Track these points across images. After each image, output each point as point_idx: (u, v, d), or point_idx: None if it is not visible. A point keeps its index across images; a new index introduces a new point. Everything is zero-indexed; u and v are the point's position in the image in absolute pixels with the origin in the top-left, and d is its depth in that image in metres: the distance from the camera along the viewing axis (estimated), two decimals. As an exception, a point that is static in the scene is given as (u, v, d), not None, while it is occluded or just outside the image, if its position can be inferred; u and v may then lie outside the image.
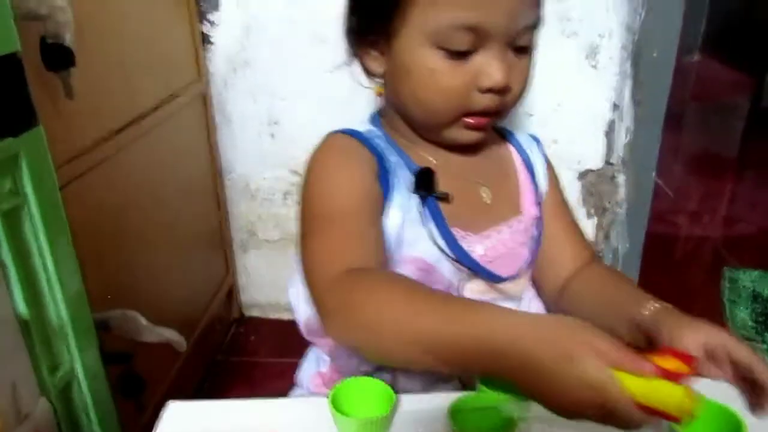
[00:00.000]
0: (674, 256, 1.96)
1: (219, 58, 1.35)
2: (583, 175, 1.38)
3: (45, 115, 0.65)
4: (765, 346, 1.48)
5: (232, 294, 1.58)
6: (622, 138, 1.34)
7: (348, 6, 0.69)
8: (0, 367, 0.57)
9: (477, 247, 0.70)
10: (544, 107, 1.31)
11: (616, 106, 1.30)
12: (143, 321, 0.81)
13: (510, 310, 0.48)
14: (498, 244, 0.72)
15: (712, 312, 1.62)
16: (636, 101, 1.30)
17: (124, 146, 0.99)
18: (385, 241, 0.66)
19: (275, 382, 0.76)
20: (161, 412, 0.61)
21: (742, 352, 0.60)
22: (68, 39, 0.74)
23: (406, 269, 0.68)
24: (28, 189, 0.62)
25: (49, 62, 0.75)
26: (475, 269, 0.69)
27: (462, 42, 0.61)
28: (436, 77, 0.63)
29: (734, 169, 2.71)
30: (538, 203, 0.77)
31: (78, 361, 0.69)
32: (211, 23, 1.33)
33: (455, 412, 0.54)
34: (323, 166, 0.68)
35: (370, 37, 0.67)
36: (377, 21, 0.65)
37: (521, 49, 0.64)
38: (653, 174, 1.41)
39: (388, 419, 0.56)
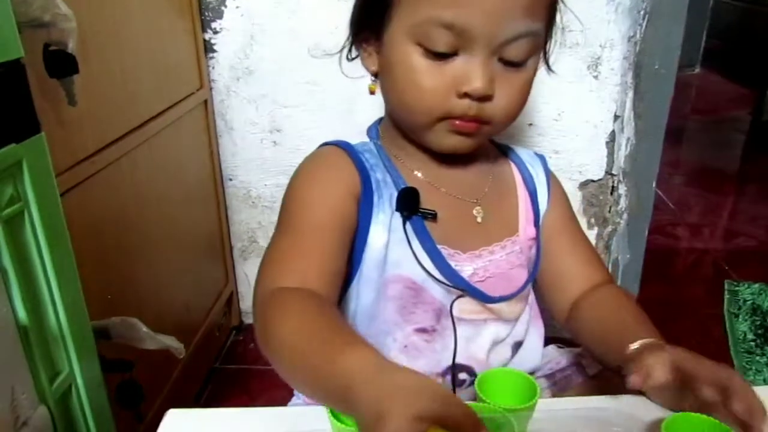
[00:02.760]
0: (675, 268, 1.95)
1: (222, 66, 1.36)
2: (583, 186, 1.38)
3: (47, 122, 0.65)
4: (765, 359, 1.48)
5: (231, 301, 1.58)
6: (623, 149, 1.34)
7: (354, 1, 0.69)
8: (-2, 374, 0.57)
9: (466, 267, 0.69)
10: (545, 117, 1.31)
11: (617, 117, 1.31)
12: (143, 328, 0.81)
13: (380, 363, 0.46)
14: (490, 265, 0.70)
15: (712, 324, 1.62)
16: (637, 112, 1.31)
17: (125, 153, 0.99)
18: (346, 262, 0.66)
19: (274, 390, 0.76)
20: (161, 421, 0.61)
21: (718, 376, 0.54)
22: (71, 46, 0.74)
23: (394, 288, 0.68)
24: (30, 195, 0.62)
25: (52, 69, 0.75)
26: (465, 288, 0.68)
27: (441, 41, 0.60)
28: (417, 76, 0.62)
29: (735, 182, 2.71)
30: (537, 224, 0.74)
31: (77, 369, 0.68)
32: (215, 32, 1.33)
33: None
34: (304, 177, 0.69)
35: (365, 32, 0.67)
36: (370, 16, 0.65)
37: (513, 63, 0.62)
38: (654, 185, 1.41)
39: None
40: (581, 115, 1.31)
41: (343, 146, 0.70)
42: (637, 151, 1.35)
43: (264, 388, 1.36)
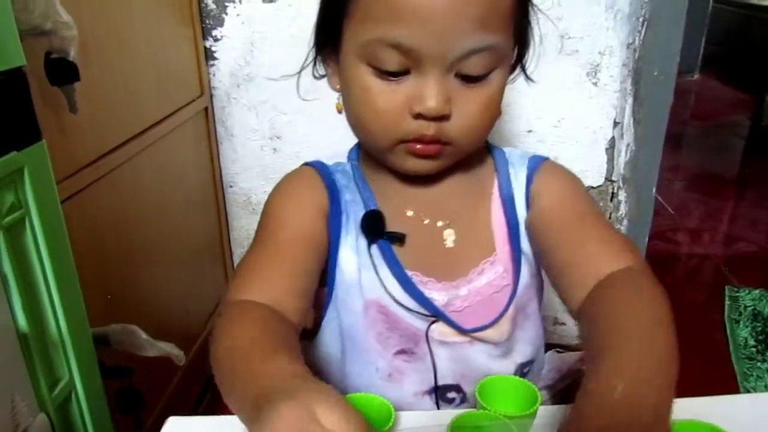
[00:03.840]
0: (675, 273, 1.95)
1: (222, 73, 1.36)
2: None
3: (48, 130, 0.65)
4: (766, 366, 1.47)
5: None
6: (622, 155, 1.35)
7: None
8: (-2, 381, 0.57)
9: (439, 296, 0.66)
10: (545, 124, 1.31)
11: (616, 123, 1.31)
12: (143, 335, 0.81)
13: (295, 372, 0.45)
14: (470, 294, 0.67)
15: (713, 330, 1.62)
16: (637, 118, 1.31)
17: (126, 160, 1.00)
18: (315, 283, 0.64)
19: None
20: (161, 429, 0.61)
21: None
22: (73, 54, 0.74)
23: (370, 314, 0.67)
24: (31, 203, 0.62)
25: (53, 77, 0.76)
26: (439, 317, 0.66)
27: (391, 61, 0.57)
28: (370, 96, 0.59)
29: (735, 187, 2.71)
30: (515, 235, 0.68)
31: (77, 376, 0.68)
32: (215, 39, 1.34)
33: (455, 430, 0.53)
34: (277, 195, 0.68)
35: (326, 49, 0.65)
36: (327, 33, 0.63)
37: (473, 78, 0.58)
38: (654, 191, 1.42)
39: (387, 437, 0.56)
40: (580, 121, 1.31)
41: (317, 166, 0.70)
42: (636, 157, 1.35)
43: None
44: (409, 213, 0.67)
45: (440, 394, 0.70)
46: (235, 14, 1.31)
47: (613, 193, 1.38)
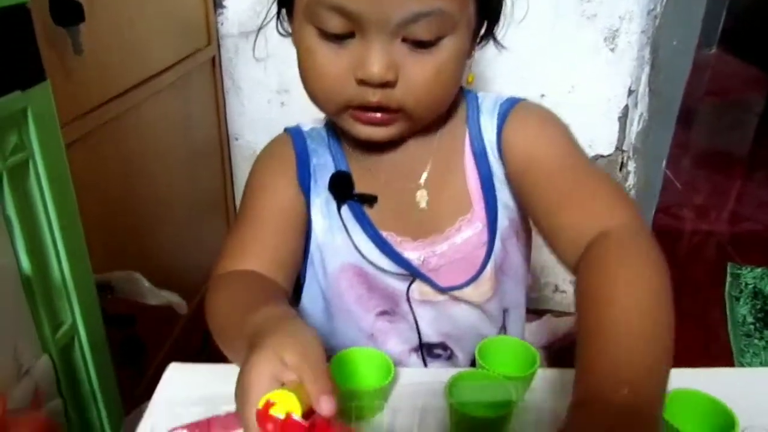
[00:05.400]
0: (678, 249, 1.95)
1: (231, 23, 1.33)
2: (593, 161, 1.36)
3: (52, 71, 0.64)
4: (763, 343, 1.48)
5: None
6: (635, 125, 1.33)
7: None
8: (2, 321, 0.57)
9: (414, 254, 0.65)
10: (559, 89, 1.29)
11: (631, 92, 1.28)
12: (146, 283, 0.81)
13: (284, 314, 0.49)
14: (448, 251, 0.66)
15: (713, 307, 1.62)
16: (652, 88, 1.29)
17: (131, 107, 0.98)
18: (299, 249, 0.66)
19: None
20: (163, 374, 0.61)
21: None
22: (79, -7, 0.72)
23: (345, 278, 0.67)
24: (35, 145, 0.61)
25: (58, 17, 0.74)
26: (417, 276, 0.65)
27: (333, 23, 0.54)
28: (314, 59, 0.57)
29: (744, 166, 2.68)
30: (489, 190, 0.66)
31: (80, 321, 0.69)
32: (225, -13, 1.31)
33: (454, 387, 0.53)
34: (254, 170, 0.69)
35: (283, 9, 0.64)
36: None
37: (421, 43, 0.55)
38: (664, 163, 1.40)
39: (385, 391, 0.56)
40: (595, 88, 1.29)
41: (291, 133, 0.69)
42: (649, 128, 1.33)
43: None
44: (380, 176, 0.66)
45: (426, 350, 0.70)
46: (246, -38, 1.27)
47: (622, 163, 1.36)
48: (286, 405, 0.39)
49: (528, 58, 1.26)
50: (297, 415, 0.39)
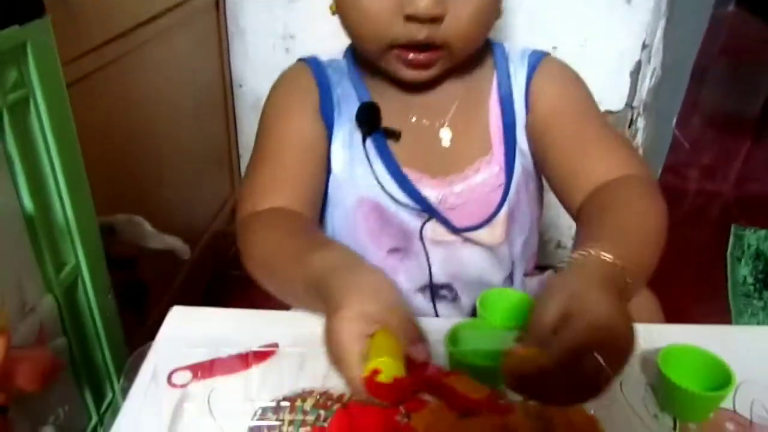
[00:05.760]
0: (683, 209, 1.94)
1: (236, -37, 1.29)
2: (602, 118, 1.35)
3: (51, 7, 0.62)
4: (761, 304, 1.49)
5: (236, 210, 1.58)
6: (647, 80, 1.30)
7: None
8: (5, 259, 0.57)
9: (433, 192, 0.66)
10: (571, 41, 1.25)
11: (645, 46, 1.25)
12: (148, 227, 0.81)
13: (349, 260, 0.49)
14: (464, 191, 0.66)
15: (714, 267, 1.62)
16: (667, 43, 1.25)
17: (132, 49, 0.96)
18: (323, 182, 0.66)
19: (275, 299, 0.77)
20: (166, 317, 0.62)
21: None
22: (79, -75, 0.70)
23: (361, 212, 0.67)
24: (35, 82, 0.60)
25: (58, -51, 0.71)
26: (433, 215, 0.66)
27: None
28: None
29: (754, 128, 2.64)
30: (511, 133, 0.67)
31: (83, 261, 0.69)
32: (230, -75, 1.26)
33: (454, 337, 0.54)
34: (271, 102, 0.68)
35: None
36: None
37: None
38: (674, 122, 1.38)
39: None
40: (608, 41, 1.25)
41: (309, 62, 0.68)
42: (661, 84, 1.30)
43: (267, 296, 1.38)
44: (405, 112, 0.66)
45: (432, 291, 0.71)
46: None
47: (632, 119, 1.34)
48: (391, 370, 0.41)
49: (541, 9, 1.23)
50: (401, 376, 0.41)
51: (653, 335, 0.60)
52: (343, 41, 0.70)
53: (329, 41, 1.35)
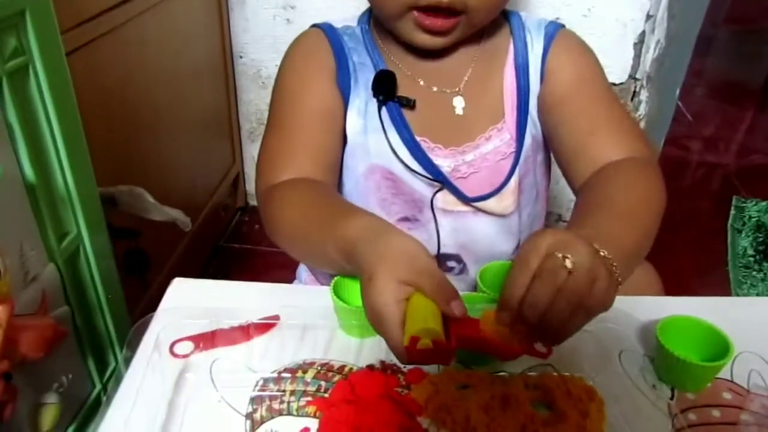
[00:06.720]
0: (684, 180, 1.94)
1: (235, -71, 1.27)
2: (605, 90, 1.33)
3: (50, -27, 0.61)
4: (761, 275, 1.50)
5: (238, 182, 1.58)
6: (651, 51, 1.28)
7: None
8: (7, 227, 0.57)
9: (446, 162, 0.66)
10: (574, 12, 1.24)
11: (649, 17, 1.23)
12: (150, 198, 0.81)
13: (379, 227, 0.49)
14: (476, 160, 0.67)
15: (715, 238, 1.63)
16: (671, 13, 1.23)
17: (132, 18, 0.95)
18: (341, 149, 0.65)
19: (277, 272, 0.77)
20: (167, 289, 0.62)
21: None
22: None
23: (373, 179, 0.67)
24: (34, 49, 0.59)
25: None
26: (444, 184, 0.66)
27: None
28: None
29: (757, 99, 2.62)
30: (522, 104, 0.67)
31: (85, 231, 0.69)
32: None
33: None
34: (286, 69, 0.67)
35: None
36: None
37: None
38: (677, 94, 1.36)
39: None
40: (612, 12, 1.23)
41: (324, 28, 0.67)
42: (665, 55, 1.28)
43: (268, 269, 1.40)
44: (419, 80, 0.66)
45: (440, 262, 0.71)
46: None
47: (635, 91, 1.33)
48: (430, 335, 0.41)
49: (545, -24, 1.21)
50: (440, 339, 0.42)
51: (652, 306, 0.60)
52: (343, 11, 0.69)
53: (329, 12, 1.33)
